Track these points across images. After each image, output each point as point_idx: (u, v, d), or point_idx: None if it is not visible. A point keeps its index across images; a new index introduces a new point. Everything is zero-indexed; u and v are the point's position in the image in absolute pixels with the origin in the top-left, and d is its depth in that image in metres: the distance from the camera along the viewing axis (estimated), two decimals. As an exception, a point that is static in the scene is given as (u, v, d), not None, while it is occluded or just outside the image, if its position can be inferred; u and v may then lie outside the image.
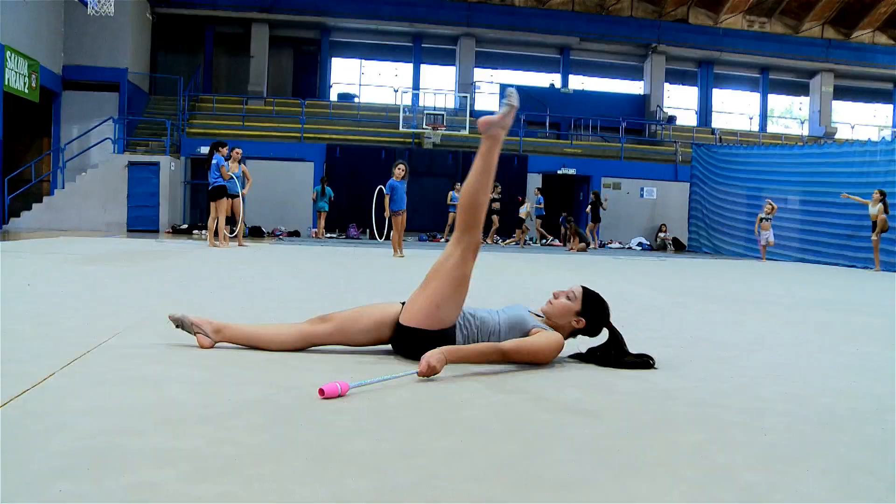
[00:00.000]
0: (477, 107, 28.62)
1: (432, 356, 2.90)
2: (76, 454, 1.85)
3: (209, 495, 1.63)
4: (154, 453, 1.89)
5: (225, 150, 13.44)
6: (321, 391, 2.55)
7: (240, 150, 14.03)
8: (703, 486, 1.82)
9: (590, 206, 22.07)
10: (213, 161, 13.25)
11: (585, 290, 3.39)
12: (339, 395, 2.57)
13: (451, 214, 21.36)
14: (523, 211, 21.18)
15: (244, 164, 14.10)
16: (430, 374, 2.88)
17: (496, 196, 21.14)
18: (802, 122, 33.86)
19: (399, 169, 12.58)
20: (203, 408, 2.36)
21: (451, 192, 21.36)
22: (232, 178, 13.26)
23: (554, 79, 31.18)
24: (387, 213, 12.75)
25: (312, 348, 3.40)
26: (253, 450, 1.95)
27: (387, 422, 2.30)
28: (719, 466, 1.99)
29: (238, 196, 13.71)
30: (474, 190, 3.29)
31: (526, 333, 3.28)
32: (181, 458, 1.86)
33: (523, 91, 29.05)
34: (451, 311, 3.20)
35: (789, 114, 35.19)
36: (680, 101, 32.67)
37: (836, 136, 30.60)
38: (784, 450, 2.18)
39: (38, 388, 2.53)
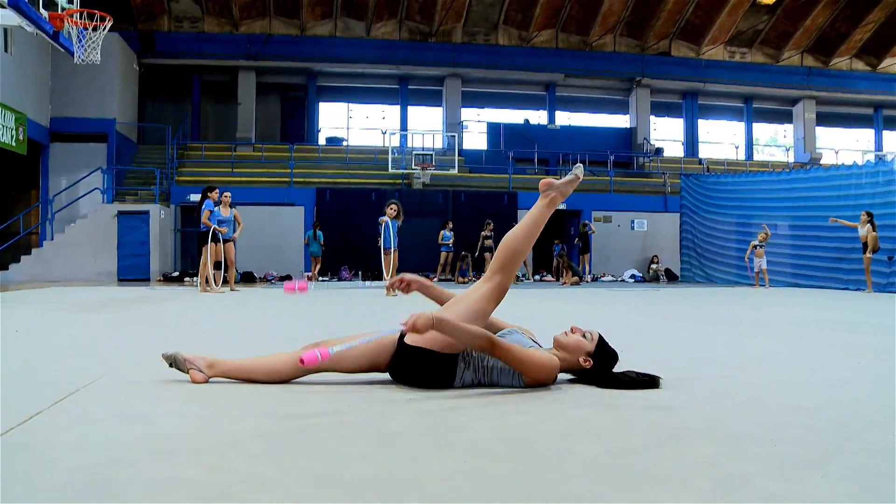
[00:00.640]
0: (465, 146, 28.76)
1: (420, 316, 2.91)
2: (65, 487, 1.78)
3: (205, 523, 1.56)
4: (147, 484, 1.82)
5: (215, 195, 13.41)
6: (301, 360, 2.57)
7: (229, 194, 14.00)
8: (719, 496, 1.76)
9: (578, 238, 22.14)
10: (203, 207, 13.23)
11: (602, 338, 3.37)
12: (320, 361, 2.69)
13: (442, 254, 21.33)
14: None
15: (235, 208, 14.05)
16: (413, 331, 2.92)
17: (488, 234, 21.18)
18: (787, 149, 34.12)
19: (391, 208, 12.59)
20: (197, 439, 2.29)
21: (442, 232, 21.34)
22: (213, 224, 13.18)
23: (540, 115, 31.37)
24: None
25: (306, 380, 3.33)
26: (251, 478, 1.88)
27: (388, 447, 2.23)
28: (733, 476, 1.93)
29: (230, 241, 13.65)
30: (518, 239, 3.43)
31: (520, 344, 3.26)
32: (176, 488, 1.79)
33: (509, 128, 29.33)
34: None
35: (774, 142, 35.47)
36: (666, 133, 32.90)
37: (822, 162, 30.83)
38: (798, 459, 2.12)
39: (26, 424, 2.47)
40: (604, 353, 3.33)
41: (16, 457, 2.08)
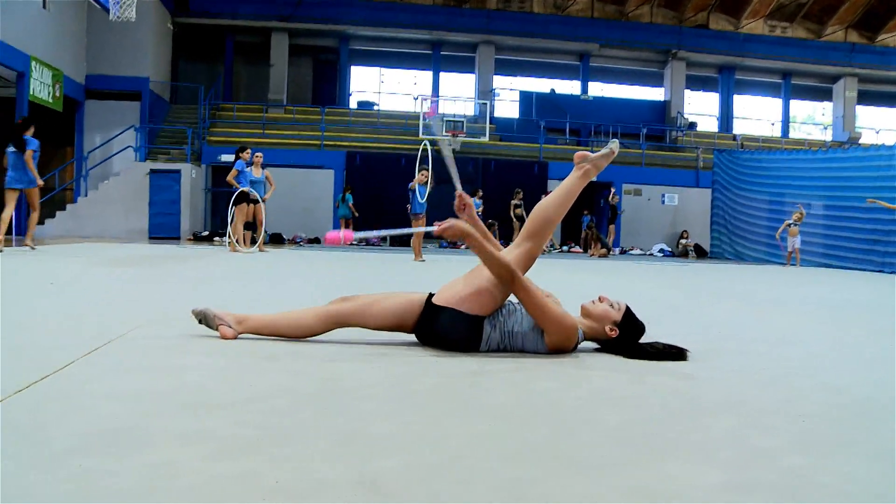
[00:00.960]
0: (496, 114, 28.59)
1: (456, 224, 3.10)
2: (96, 434, 1.82)
3: (232, 473, 1.58)
4: (175, 434, 1.85)
5: (246, 155, 13.44)
6: (326, 239, 2.67)
7: (261, 155, 14.04)
8: (743, 468, 1.76)
9: (608, 206, 22.08)
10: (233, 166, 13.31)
11: (629, 309, 3.37)
12: (343, 242, 2.79)
13: (486, 222, 21.35)
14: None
15: (266, 169, 14.11)
16: (445, 234, 3.07)
17: (518, 202, 21.11)
18: (825, 128, 33.58)
19: (422, 174, 12.60)
20: (224, 393, 2.32)
21: (472, 199, 21.31)
22: (238, 184, 13.22)
23: (574, 85, 31.10)
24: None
25: (333, 338, 3.37)
26: (276, 432, 1.91)
27: (413, 407, 2.25)
28: (758, 449, 1.92)
29: (259, 202, 13.72)
30: (550, 207, 3.44)
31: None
32: (203, 438, 1.82)
33: (541, 98, 29.10)
34: (491, 301, 3.19)
35: (812, 120, 34.91)
36: (701, 107, 32.50)
37: (861, 141, 30.29)
38: (824, 435, 2.11)
39: (59, 373, 2.52)
40: (630, 324, 3.33)
41: (52, 403, 2.13)
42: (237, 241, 13.39)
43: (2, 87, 20.90)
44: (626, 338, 3.32)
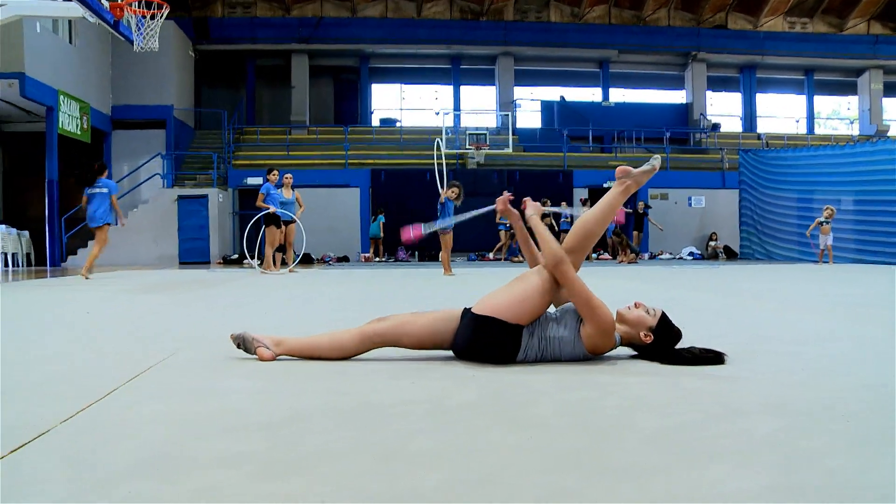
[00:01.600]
0: (518, 125, 28.59)
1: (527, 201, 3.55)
2: (143, 459, 1.85)
3: (278, 494, 1.60)
4: (220, 457, 1.87)
5: (273, 177, 13.57)
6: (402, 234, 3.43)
7: (290, 176, 14.17)
8: (788, 470, 1.75)
9: (633, 214, 21.92)
10: (261, 190, 13.43)
11: (664, 315, 3.38)
12: (414, 237, 3.39)
13: (501, 233, 21.33)
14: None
15: (296, 190, 14.22)
16: (504, 210, 3.58)
17: (546, 212, 21.02)
18: (851, 122, 33.22)
19: (452, 190, 12.62)
20: (265, 415, 2.34)
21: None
22: (268, 206, 13.34)
23: (595, 92, 31.06)
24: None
25: (369, 357, 3.39)
26: (317, 451, 1.92)
27: (451, 422, 2.26)
28: (802, 452, 1.91)
29: (292, 222, 13.84)
30: (592, 221, 3.47)
31: (578, 316, 3.28)
32: (247, 460, 1.84)
33: (562, 106, 29.06)
34: (532, 310, 3.21)
35: (837, 114, 34.56)
36: (723, 108, 32.31)
37: (889, 134, 29.91)
38: (870, 435, 2.08)
39: (104, 400, 2.56)
40: (665, 330, 3.32)
41: (98, 430, 2.17)
42: (272, 263, 13.53)
43: (32, 122, 21.27)
44: (661, 344, 3.31)
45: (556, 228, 20.34)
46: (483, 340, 3.20)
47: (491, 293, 3.32)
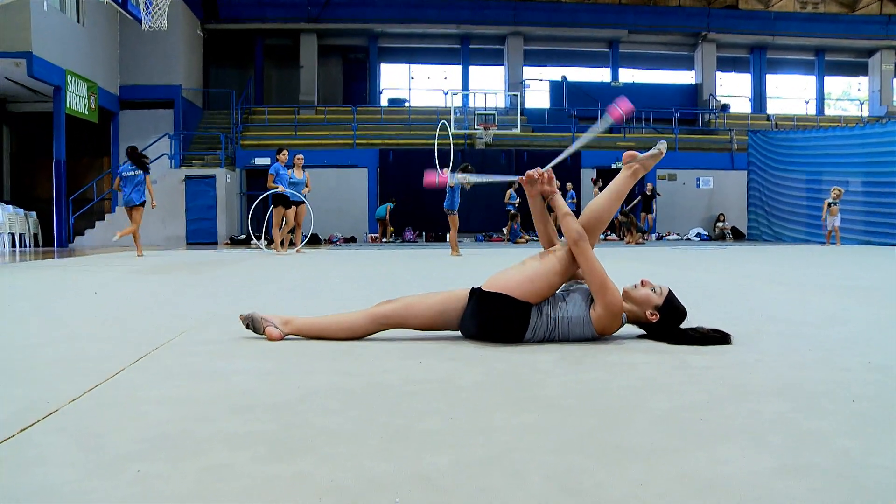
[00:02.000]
0: (527, 105, 28.48)
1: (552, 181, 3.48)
2: (150, 440, 1.85)
3: (286, 474, 1.60)
4: (227, 437, 1.87)
5: (283, 157, 13.55)
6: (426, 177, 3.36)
7: (302, 157, 14.15)
8: (795, 451, 1.74)
9: (640, 198, 21.82)
10: (270, 170, 13.42)
11: (671, 293, 3.38)
12: (437, 182, 3.36)
13: (510, 213, 21.33)
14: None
15: (306, 170, 14.20)
16: (528, 182, 3.48)
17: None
18: (862, 104, 33.00)
19: (463, 177, 12.63)
20: (273, 395, 2.34)
21: (508, 192, 21.32)
22: (278, 186, 13.34)
23: (604, 73, 30.91)
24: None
25: (377, 338, 3.40)
26: (326, 431, 1.92)
27: (460, 402, 2.26)
28: (809, 432, 1.90)
29: (303, 203, 13.84)
30: (601, 206, 3.51)
31: (588, 297, 3.29)
32: (254, 441, 1.84)
33: (572, 87, 28.94)
34: (542, 290, 3.23)
35: (847, 96, 34.34)
36: (733, 89, 32.13)
37: (900, 115, 29.73)
38: (877, 417, 2.08)
39: (110, 381, 2.56)
40: (671, 308, 3.33)
41: (106, 410, 2.17)
42: (280, 243, 13.57)
43: (40, 102, 21.28)
44: (667, 322, 3.32)
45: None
46: (491, 317, 3.21)
47: (502, 271, 3.33)
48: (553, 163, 3.60)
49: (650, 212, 21.74)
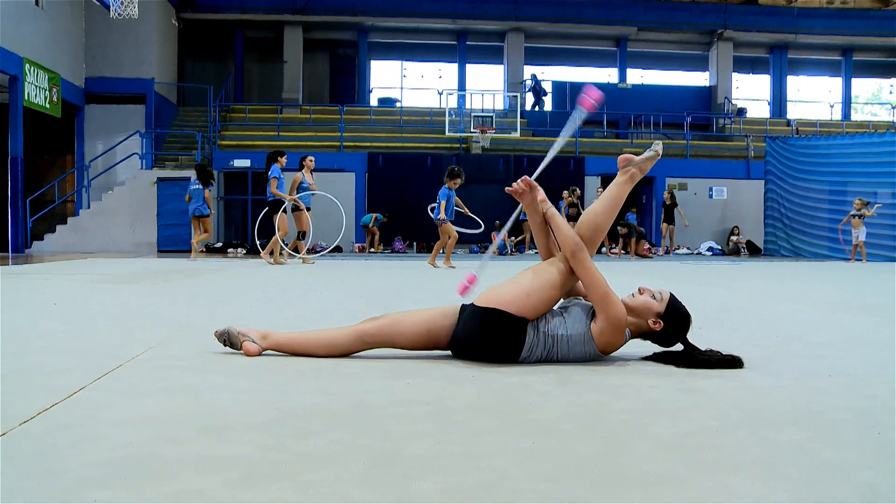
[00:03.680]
0: (528, 106, 28.55)
1: (536, 189, 3.52)
2: (111, 464, 1.84)
3: (259, 501, 1.60)
4: (197, 461, 1.87)
5: (284, 160, 13.55)
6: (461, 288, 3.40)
7: (313, 159, 14.16)
8: (812, 485, 1.75)
9: (662, 206, 21.81)
10: (269, 174, 13.38)
11: (673, 297, 3.39)
12: (469, 285, 3.38)
13: (523, 224, 21.18)
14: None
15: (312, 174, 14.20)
16: (518, 193, 3.51)
17: (574, 200, 20.97)
18: (893, 107, 33.05)
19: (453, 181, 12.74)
20: (248, 416, 2.34)
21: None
22: (281, 193, 13.33)
23: (611, 73, 31.02)
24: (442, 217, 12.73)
25: (362, 356, 3.40)
26: (305, 456, 1.93)
27: (450, 425, 2.26)
28: (828, 464, 1.91)
29: (308, 209, 13.86)
30: (598, 214, 3.53)
31: (590, 312, 3.30)
32: (227, 465, 1.84)
33: (576, 88, 28.95)
34: (539, 305, 3.24)
35: (877, 98, 34.42)
36: (750, 92, 32.24)
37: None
38: (899, 445, 2.09)
39: (69, 401, 2.55)
40: (675, 314, 3.33)
41: (62, 432, 2.15)
42: (281, 253, 13.58)
43: (-7, 93, 21.20)
44: (672, 329, 3.34)
45: (575, 213, 20.33)
46: (483, 334, 3.22)
47: (495, 285, 3.34)
48: (537, 172, 3.65)
49: (671, 222, 21.59)
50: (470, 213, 13.87)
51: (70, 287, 7.78)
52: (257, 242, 14.60)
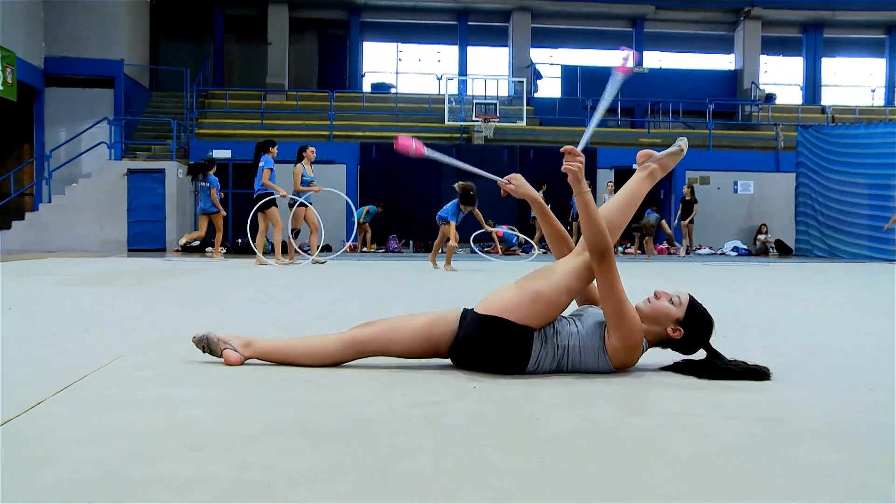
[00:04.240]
0: (535, 93, 28.53)
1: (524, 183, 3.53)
2: (74, 486, 1.83)
3: (240, 523, 1.61)
4: (169, 482, 1.87)
5: (275, 151, 13.59)
6: (397, 142, 3.32)
7: (314, 150, 14.19)
8: (845, 506, 1.75)
9: (681, 201, 21.78)
10: (261, 164, 13.39)
11: (693, 300, 3.36)
12: (412, 151, 3.36)
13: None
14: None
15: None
16: (510, 189, 3.53)
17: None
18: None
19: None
20: (228, 430, 2.34)
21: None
22: (273, 184, 13.36)
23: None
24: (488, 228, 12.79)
25: (354, 365, 3.41)
26: (290, 475, 1.93)
27: (449, 440, 2.27)
28: (868, 490, 1.91)
29: (311, 203, 13.89)
30: (614, 213, 3.51)
31: (604, 324, 3.27)
32: (203, 486, 1.84)
33: (587, 72, 28.98)
34: (546, 311, 3.21)
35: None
36: (780, 76, 32.20)
37: None
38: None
39: (27, 415, 2.53)
40: (696, 319, 3.31)
41: (16, 451, 2.13)
42: (274, 252, 13.62)
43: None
44: (693, 336, 3.32)
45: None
46: (485, 346, 3.21)
47: (498, 289, 3.33)
48: (581, 144, 3.56)
49: (691, 219, 21.49)
50: (492, 229, 13.84)
51: (29, 289, 7.75)
52: (251, 242, 14.46)
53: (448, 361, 3.43)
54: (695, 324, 3.31)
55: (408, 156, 3.58)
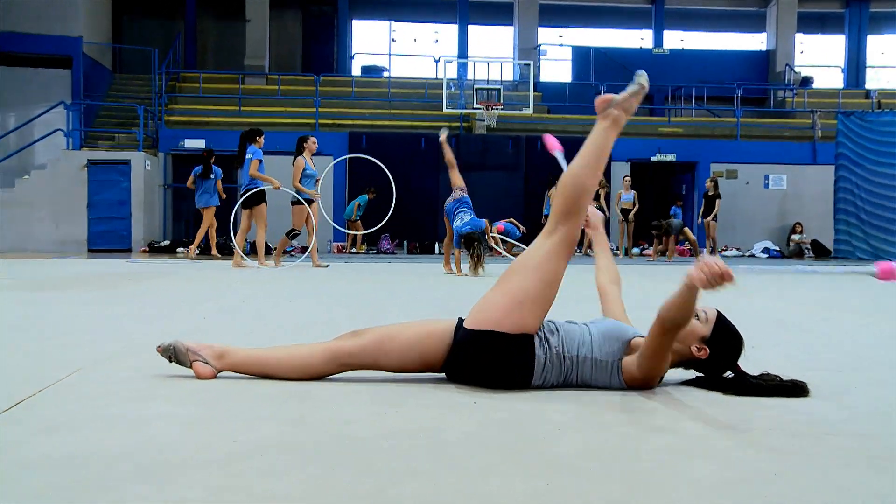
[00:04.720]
0: (543, 77, 28.54)
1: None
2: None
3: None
4: (135, 508, 1.87)
5: (262, 140, 13.59)
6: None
7: (315, 141, 14.19)
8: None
9: (704, 197, 21.77)
10: (248, 155, 13.38)
11: (721, 315, 3.34)
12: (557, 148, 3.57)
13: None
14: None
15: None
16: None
17: (598, 191, 20.96)
18: None
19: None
20: (200, 451, 2.34)
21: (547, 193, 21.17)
22: (263, 175, 13.37)
23: (644, 36, 31.02)
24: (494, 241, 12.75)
25: (341, 378, 3.40)
26: (271, 498, 1.93)
27: (448, 462, 2.27)
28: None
29: (314, 202, 13.88)
30: (580, 172, 3.40)
31: (626, 344, 3.26)
32: (174, 512, 1.84)
33: (600, 54, 29.00)
34: (536, 312, 3.20)
35: None
36: (818, 57, 32.21)
37: None
38: None
39: (-23, 433, 2.52)
40: (725, 336, 3.29)
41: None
42: (257, 254, 13.64)
43: None
44: (721, 356, 3.30)
45: (607, 213, 20.32)
46: (485, 364, 3.21)
47: (484, 297, 3.31)
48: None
49: (713, 216, 21.38)
50: (494, 234, 13.83)
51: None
52: (234, 243, 14.26)
53: (443, 375, 3.43)
54: (723, 343, 3.29)
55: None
